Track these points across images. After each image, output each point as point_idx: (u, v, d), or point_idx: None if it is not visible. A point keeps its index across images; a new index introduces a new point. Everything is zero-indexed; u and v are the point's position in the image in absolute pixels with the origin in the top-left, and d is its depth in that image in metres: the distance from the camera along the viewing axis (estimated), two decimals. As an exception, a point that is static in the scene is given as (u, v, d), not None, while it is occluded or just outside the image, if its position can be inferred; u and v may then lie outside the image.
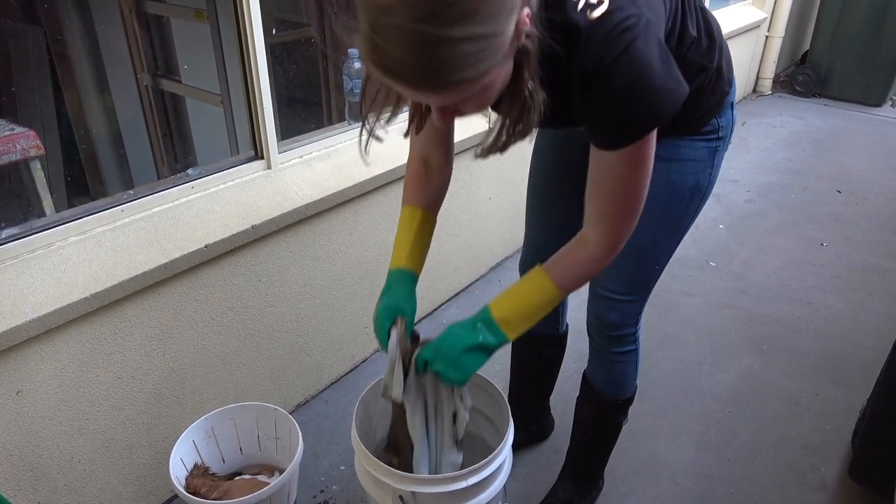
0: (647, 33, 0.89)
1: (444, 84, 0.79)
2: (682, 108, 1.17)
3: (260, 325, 1.83)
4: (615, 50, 0.88)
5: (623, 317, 1.39)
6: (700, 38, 1.13)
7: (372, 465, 1.27)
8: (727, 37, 4.48)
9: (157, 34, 2.52)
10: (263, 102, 1.75)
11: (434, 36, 0.73)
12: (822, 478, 1.83)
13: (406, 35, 0.73)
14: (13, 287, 1.34)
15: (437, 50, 0.74)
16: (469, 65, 0.77)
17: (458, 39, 0.74)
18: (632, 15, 0.88)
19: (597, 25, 0.88)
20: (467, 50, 0.75)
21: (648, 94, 0.91)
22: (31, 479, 1.43)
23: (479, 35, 0.75)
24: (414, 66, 0.76)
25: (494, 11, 0.75)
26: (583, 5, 0.88)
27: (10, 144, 1.82)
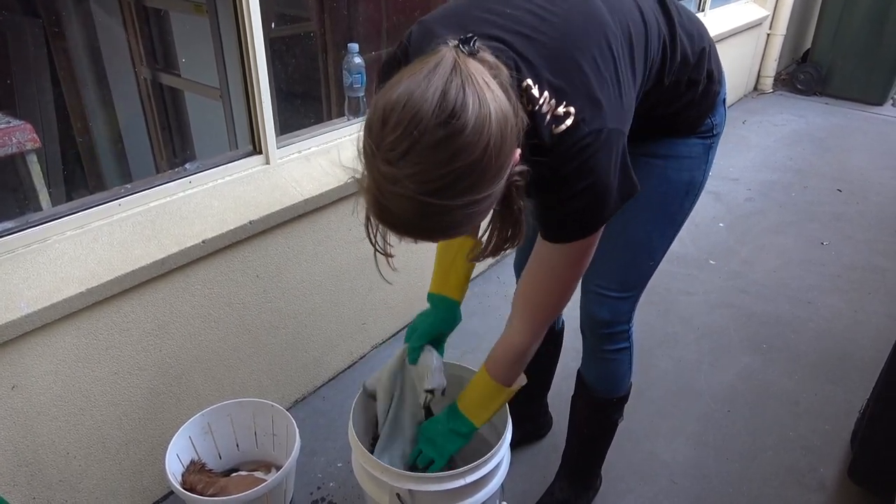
0: (608, 145, 0.94)
1: (446, 236, 0.87)
2: (676, 118, 1.21)
3: (257, 321, 1.82)
4: (575, 161, 0.93)
5: (615, 314, 1.38)
6: (686, 61, 1.14)
7: (369, 463, 1.26)
8: (729, 34, 4.47)
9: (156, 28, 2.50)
10: (262, 97, 1.74)
11: (438, 206, 0.79)
12: (820, 478, 1.82)
13: (411, 204, 0.79)
14: (8, 281, 1.33)
15: (439, 217, 0.80)
16: (468, 221, 0.84)
17: (460, 206, 0.80)
18: (595, 129, 0.92)
19: (561, 139, 0.92)
20: (468, 212, 0.81)
21: (600, 200, 0.98)
22: (26, 474, 1.42)
23: (479, 199, 0.81)
24: (417, 226, 0.83)
25: (493, 178, 0.81)
26: (549, 119, 0.92)
27: (7, 137, 1.80)
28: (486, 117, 0.77)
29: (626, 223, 1.27)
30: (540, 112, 0.91)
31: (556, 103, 0.91)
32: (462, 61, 0.79)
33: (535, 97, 0.91)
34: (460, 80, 0.77)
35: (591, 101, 0.93)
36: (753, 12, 4.64)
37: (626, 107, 1.00)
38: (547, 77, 0.92)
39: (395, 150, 0.77)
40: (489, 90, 0.78)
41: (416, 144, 0.76)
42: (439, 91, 0.76)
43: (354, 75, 2.00)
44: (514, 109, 0.83)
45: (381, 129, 0.78)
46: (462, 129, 0.76)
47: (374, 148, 0.79)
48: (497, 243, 0.98)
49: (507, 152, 0.81)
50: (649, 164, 1.24)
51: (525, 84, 0.91)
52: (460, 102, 0.76)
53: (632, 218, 1.28)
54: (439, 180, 0.77)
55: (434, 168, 0.77)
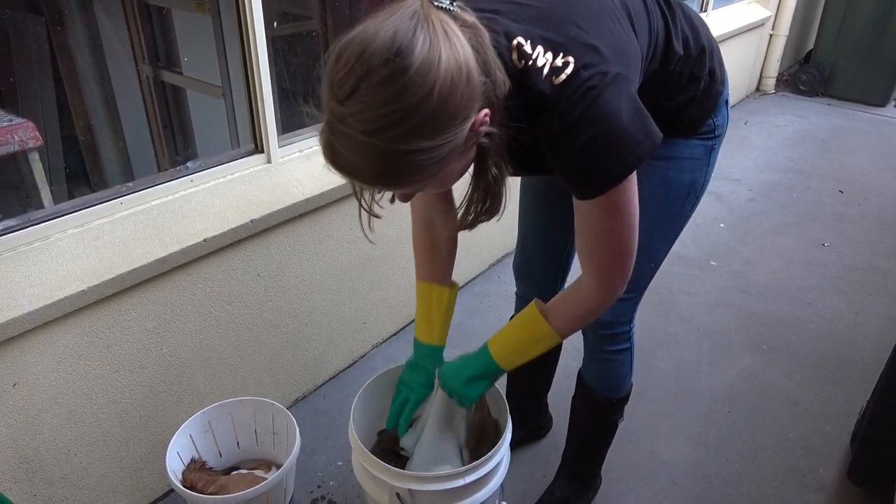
0: (614, 86, 0.90)
1: (398, 183, 0.85)
2: (678, 115, 1.20)
3: (258, 319, 1.82)
4: (580, 106, 0.89)
5: (616, 315, 1.38)
6: (689, 53, 1.14)
7: (369, 462, 1.27)
8: (731, 35, 4.47)
9: (159, 25, 2.50)
10: (264, 96, 1.74)
11: (384, 148, 0.77)
12: (820, 479, 1.82)
13: (355, 144, 0.78)
14: (10, 279, 1.33)
15: (387, 159, 0.79)
16: (419, 170, 0.81)
17: (407, 151, 0.78)
18: (598, 72, 0.89)
19: (563, 88, 0.89)
20: (417, 159, 0.79)
21: (615, 144, 0.92)
22: (27, 471, 1.43)
23: (426, 147, 0.79)
24: (367, 169, 0.81)
25: (442, 127, 0.79)
26: (548, 71, 0.89)
27: (9, 135, 1.80)
28: (434, 61, 0.76)
29: None
30: (535, 66, 0.89)
31: (553, 56, 0.89)
32: (425, 8, 0.79)
33: (527, 52, 0.89)
34: (414, 23, 0.77)
35: (590, 49, 0.91)
36: (756, 13, 4.64)
37: (631, 53, 0.97)
38: (540, 34, 0.91)
39: (343, 88, 0.77)
40: (447, 38, 0.78)
41: (361, 82, 0.76)
42: (391, 31, 0.76)
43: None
44: (485, 68, 0.83)
45: (334, 66, 0.79)
46: (405, 68, 0.75)
47: (326, 85, 0.80)
48: (474, 215, 0.97)
49: (460, 103, 0.79)
50: (650, 164, 1.23)
51: (516, 42, 0.90)
52: (407, 42, 0.75)
53: None
54: (380, 120, 0.76)
55: (376, 107, 0.76)
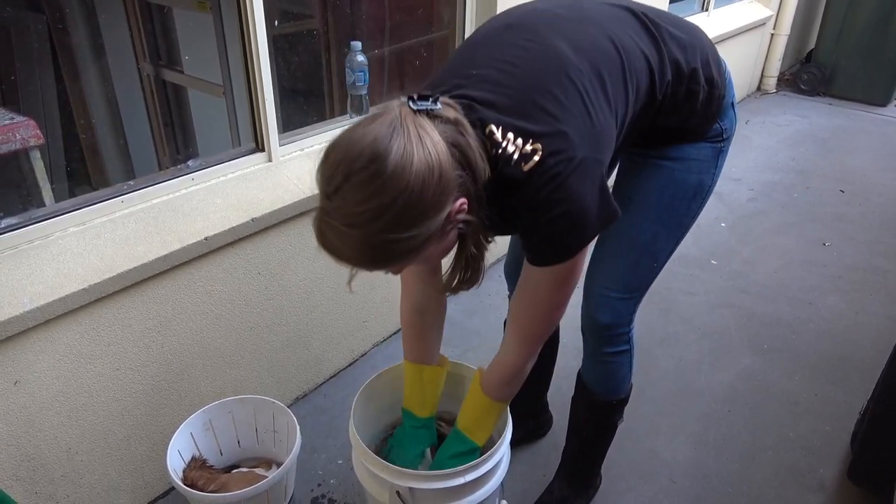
0: (579, 171, 0.98)
1: (380, 267, 0.94)
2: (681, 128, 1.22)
3: (259, 318, 1.82)
4: (546, 189, 0.97)
5: (616, 316, 1.38)
6: (681, 72, 1.15)
7: (369, 461, 1.27)
8: (732, 34, 4.45)
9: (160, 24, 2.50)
10: (265, 94, 1.74)
11: (364, 239, 0.88)
12: (820, 479, 1.83)
13: (339, 235, 0.88)
14: (11, 277, 1.33)
15: (368, 248, 0.89)
16: (398, 257, 0.92)
17: (386, 241, 0.88)
18: (564, 159, 0.97)
19: (531, 174, 0.97)
20: (395, 248, 0.89)
21: (577, 223, 1.01)
22: (28, 469, 1.43)
23: (403, 238, 0.88)
24: (351, 255, 0.91)
25: (416, 220, 0.88)
26: (517, 158, 0.96)
27: (10, 134, 1.81)
28: (407, 164, 0.84)
29: (632, 224, 1.28)
30: (506, 153, 0.96)
31: (523, 142, 0.96)
32: (404, 114, 0.88)
33: (497, 140, 0.97)
34: (391, 130, 0.86)
35: (558, 135, 0.97)
36: (757, 12, 4.63)
37: (602, 134, 1.03)
38: (510, 121, 0.97)
39: (330, 185, 0.87)
40: (420, 142, 0.86)
41: (344, 182, 0.86)
42: (371, 137, 0.86)
43: (357, 73, 2.00)
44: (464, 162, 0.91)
45: (323, 165, 0.89)
46: (381, 172, 0.84)
47: (317, 180, 0.90)
48: (456, 283, 1.08)
49: (432, 199, 0.87)
50: (657, 165, 1.25)
51: (488, 130, 0.97)
52: (383, 148, 0.84)
53: (638, 218, 1.28)
54: (360, 215, 0.86)
55: (356, 204, 0.85)
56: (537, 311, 1.17)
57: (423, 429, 1.43)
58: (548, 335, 1.22)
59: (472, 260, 1.05)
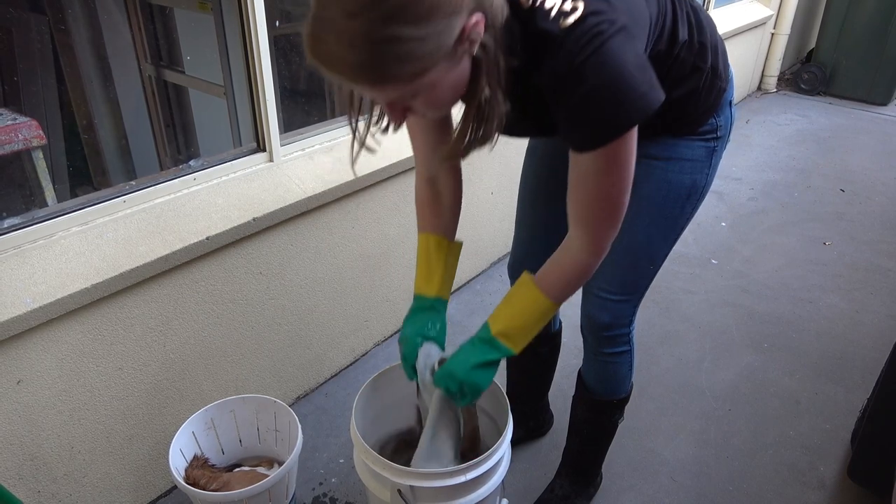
0: (622, 36, 0.89)
1: (378, 79, 0.81)
2: (680, 108, 1.19)
3: (261, 317, 1.83)
4: (587, 51, 0.88)
5: (615, 317, 1.38)
6: (692, 40, 1.13)
7: (371, 459, 1.27)
8: (733, 34, 4.45)
9: (161, 25, 2.51)
10: (266, 94, 1.74)
11: (366, 32, 0.76)
12: (820, 477, 1.83)
13: (338, 29, 0.77)
14: (14, 277, 1.34)
15: (369, 45, 0.77)
16: (399, 63, 0.79)
17: (389, 38, 0.77)
18: (606, 20, 0.89)
19: (570, 31, 0.88)
20: (400, 48, 0.78)
21: (620, 94, 0.90)
22: (31, 468, 1.43)
23: (408, 36, 0.77)
24: (346, 59, 0.78)
25: (426, 13, 0.77)
26: (556, 13, 0.88)
27: (13, 134, 1.81)
28: None
29: (627, 225, 1.27)
30: (543, 7, 0.88)
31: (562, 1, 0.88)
32: None
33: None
34: None
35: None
36: (757, 11, 4.63)
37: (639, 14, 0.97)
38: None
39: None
40: None
41: None
42: None
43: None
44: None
45: None
46: None
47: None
48: (466, 141, 0.95)
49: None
50: (650, 165, 1.24)
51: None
52: None
53: (633, 220, 1.27)
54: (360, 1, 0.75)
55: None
56: (596, 202, 1.03)
57: (428, 311, 1.26)
58: (614, 231, 1.07)
59: (486, 105, 0.91)
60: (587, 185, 1.01)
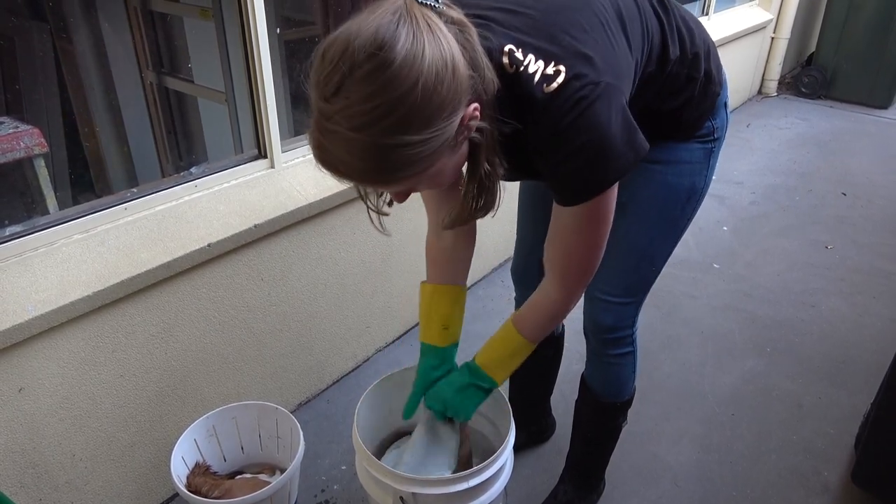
0: (605, 97, 0.91)
1: (388, 180, 0.84)
2: (676, 117, 1.21)
3: (262, 323, 1.83)
4: (570, 116, 0.90)
5: (618, 319, 1.38)
6: (684, 54, 1.14)
7: (373, 466, 1.27)
8: (733, 38, 4.46)
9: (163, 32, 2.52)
10: (267, 101, 1.75)
11: (371, 143, 0.78)
12: (824, 482, 1.82)
13: (343, 141, 0.78)
14: (16, 285, 1.34)
15: (375, 154, 0.79)
16: (408, 165, 0.81)
17: (395, 146, 0.78)
18: (589, 82, 0.90)
19: (554, 96, 0.90)
20: (405, 153, 0.79)
21: (601, 155, 0.93)
22: (32, 475, 1.43)
23: (414, 142, 0.79)
24: (356, 166, 0.81)
25: (429, 120, 0.79)
26: (539, 79, 0.90)
27: (15, 142, 1.82)
28: (418, 54, 0.76)
29: (628, 229, 1.28)
30: (527, 72, 0.90)
31: (545, 64, 0.90)
32: (409, 4, 0.79)
33: (518, 59, 0.90)
34: (397, 18, 0.77)
35: (582, 58, 0.91)
36: (758, 16, 4.64)
37: (623, 64, 0.99)
38: (531, 42, 0.91)
39: (329, 85, 0.77)
40: (430, 32, 0.78)
41: (346, 78, 0.76)
42: (373, 27, 0.76)
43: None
44: (473, 63, 0.83)
45: (320, 65, 0.79)
46: (389, 61, 0.75)
47: (313, 84, 0.80)
48: (469, 211, 0.98)
49: (447, 96, 0.79)
50: (649, 169, 1.24)
51: (507, 48, 0.91)
52: (390, 36, 0.75)
53: (633, 224, 1.28)
54: (367, 114, 0.76)
55: (361, 102, 0.76)
56: (571, 255, 1.09)
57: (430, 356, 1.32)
58: (588, 279, 1.12)
59: (487, 179, 0.94)
60: (566, 237, 1.07)
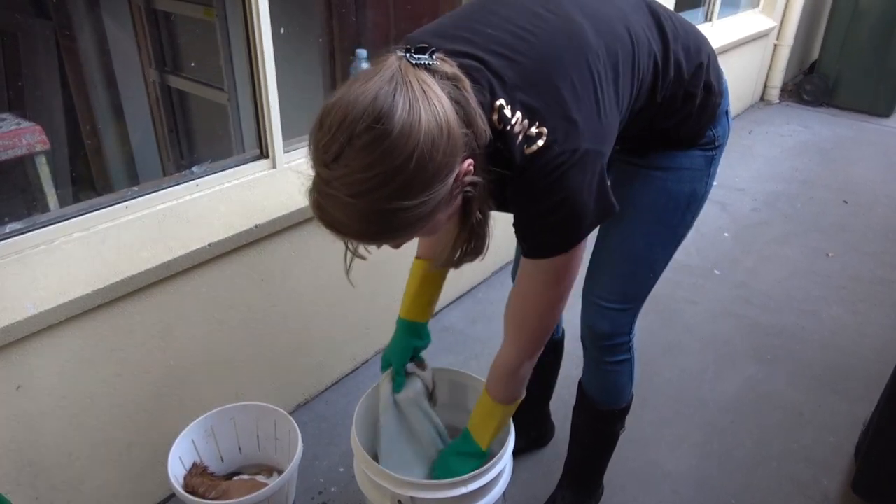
0: (581, 164, 0.94)
1: (384, 239, 0.88)
2: (674, 132, 1.21)
3: (262, 324, 1.82)
4: (547, 179, 0.93)
5: (615, 326, 1.38)
6: (682, 74, 1.14)
7: (371, 469, 1.26)
8: (736, 45, 4.47)
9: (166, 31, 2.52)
10: (270, 101, 1.75)
11: (370, 209, 0.80)
12: (824, 490, 1.81)
13: (342, 206, 0.81)
14: (15, 282, 1.33)
15: (373, 218, 0.82)
16: (405, 227, 0.85)
17: (393, 210, 0.81)
18: (568, 149, 0.93)
19: (533, 159, 0.92)
20: (403, 216, 0.82)
21: (572, 217, 0.97)
22: (29, 474, 1.43)
23: (411, 206, 0.81)
24: (354, 228, 0.84)
25: (427, 185, 0.81)
26: (521, 139, 0.92)
27: (16, 139, 1.82)
28: (415, 123, 0.78)
29: (627, 235, 1.27)
30: (512, 132, 0.92)
31: (529, 123, 0.92)
32: (404, 69, 0.81)
33: (507, 117, 0.91)
34: (394, 86, 0.79)
35: (566, 121, 0.93)
36: (761, 23, 4.65)
37: (606, 127, 1.00)
38: (521, 97, 0.93)
39: (328, 153, 0.80)
40: (426, 98, 0.80)
41: (345, 147, 0.78)
42: (371, 96, 0.78)
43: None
44: (467, 120, 0.85)
45: (318, 132, 0.82)
46: (387, 132, 0.77)
47: (312, 149, 0.83)
48: (459, 254, 1.01)
49: (443, 160, 0.81)
50: (649, 175, 1.24)
51: (498, 104, 0.92)
52: (388, 107, 0.78)
53: (632, 230, 1.27)
54: (365, 183, 0.78)
55: (360, 171, 0.78)
56: (531, 308, 1.12)
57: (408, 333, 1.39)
58: (543, 337, 1.17)
59: (478, 226, 0.97)
60: (530, 289, 1.10)
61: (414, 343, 1.39)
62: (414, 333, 1.39)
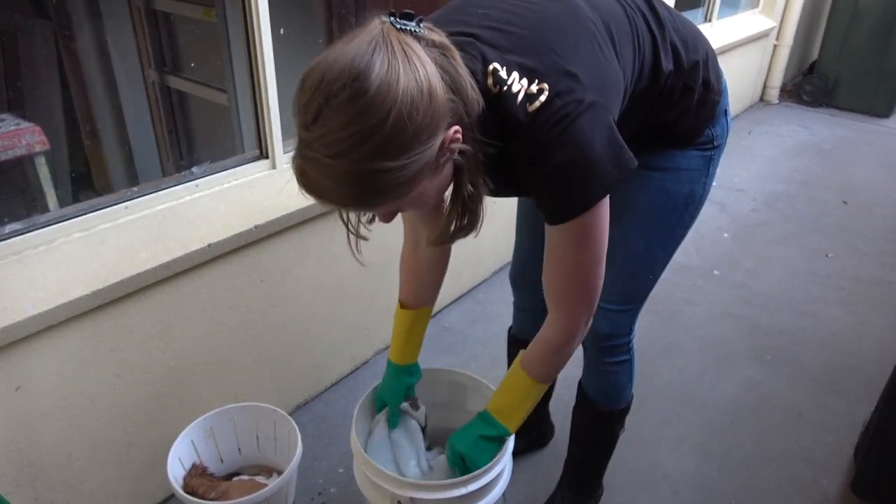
0: (589, 114, 0.91)
1: (368, 204, 0.86)
2: (673, 128, 1.20)
3: (261, 325, 1.82)
4: (554, 132, 0.90)
5: (615, 327, 1.38)
6: (680, 67, 1.13)
7: (370, 470, 1.26)
8: (736, 45, 4.47)
9: (165, 31, 2.52)
10: (270, 102, 1.74)
11: (350, 170, 0.79)
12: (824, 491, 1.81)
13: (322, 167, 0.80)
14: (14, 282, 1.33)
15: (354, 179, 0.80)
16: (388, 190, 0.82)
17: (373, 171, 0.79)
18: (573, 100, 0.90)
19: (537, 115, 0.90)
20: (384, 178, 0.80)
21: (585, 171, 0.93)
22: (29, 475, 1.42)
23: (392, 167, 0.80)
24: (336, 191, 0.82)
25: (406, 146, 0.80)
26: (522, 98, 0.90)
27: (16, 139, 1.82)
28: (393, 82, 0.77)
29: (626, 236, 1.27)
30: (510, 92, 0.90)
31: (528, 82, 0.90)
32: (386, 31, 0.80)
33: (502, 78, 0.90)
34: (372, 47, 0.78)
35: (566, 75, 0.91)
36: (760, 23, 4.65)
37: (610, 81, 0.98)
38: (516, 59, 0.91)
39: (308, 113, 0.79)
40: (406, 59, 0.79)
41: (323, 107, 0.78)
42: (349, 56, 0.78)
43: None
44: (454, 87, 0.84)
45: (299, 93, 0.81)
46: (363, 90, 0.76)
47: (294, 112, 0.82)
48: (452, 230, 0.99)
49: (423, 122, 0.79)
50: (647, 176, 1.23)
51: (492, 67, 0.91)
52: (364, 65, 0.77)
53: (631, 231, 1.27)
54: (343, 142, 0.77)
55: (338, 130, 0.78)
56: (567, 277, 1.06)
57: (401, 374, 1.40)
58: (589, 305, 1.09)
59: (470, 200, 0.95)
60: (558, 259, 1.05)
61: (406, 381, 1.41)
62: (405, 373, 1.41)
